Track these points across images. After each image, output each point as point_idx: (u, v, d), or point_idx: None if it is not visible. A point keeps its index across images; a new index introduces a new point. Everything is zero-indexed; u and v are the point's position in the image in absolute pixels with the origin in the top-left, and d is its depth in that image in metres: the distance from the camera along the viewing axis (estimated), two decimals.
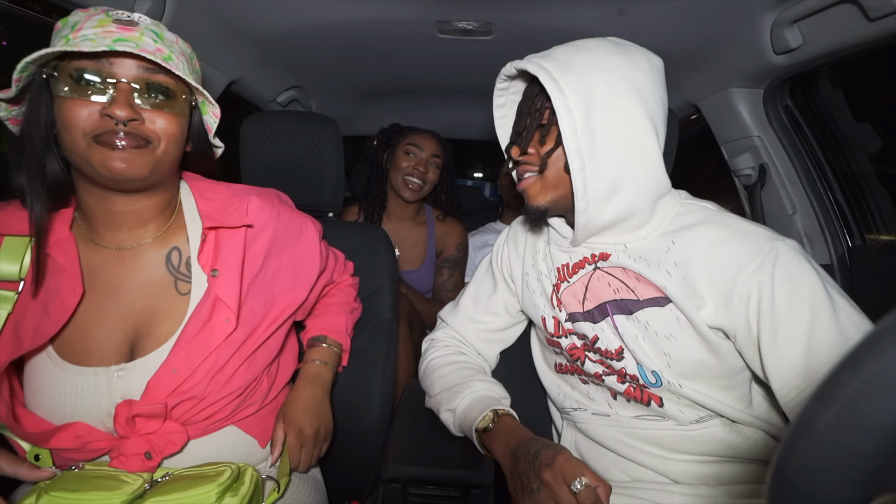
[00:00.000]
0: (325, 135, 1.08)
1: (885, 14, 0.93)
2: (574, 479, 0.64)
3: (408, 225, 1.72)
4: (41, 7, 1.10)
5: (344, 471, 1.00)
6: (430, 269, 1.70)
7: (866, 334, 0.27)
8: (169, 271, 0.72)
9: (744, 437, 0.76)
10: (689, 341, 0.73)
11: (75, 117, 0.59)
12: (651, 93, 0.73)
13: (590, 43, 0.75)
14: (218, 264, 0.72)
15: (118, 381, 0.66)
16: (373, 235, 1.13)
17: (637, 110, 0.71)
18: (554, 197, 0.78)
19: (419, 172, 1.63)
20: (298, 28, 1.37)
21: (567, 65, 0.71)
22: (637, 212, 0.75)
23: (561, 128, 0.70)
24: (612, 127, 0.71)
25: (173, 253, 0.72)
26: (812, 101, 1.43)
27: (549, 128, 0.75)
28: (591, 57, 0.72)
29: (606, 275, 0.80)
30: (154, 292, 0.70)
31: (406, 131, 1.69)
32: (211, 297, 0.71)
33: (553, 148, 0.75)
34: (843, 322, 0.64)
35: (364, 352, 1.05)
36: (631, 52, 0.74)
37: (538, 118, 0.76)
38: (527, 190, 0.80)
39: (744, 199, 1.59)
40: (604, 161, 0.71)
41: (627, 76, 0.71)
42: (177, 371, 0.67)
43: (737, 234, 0.71)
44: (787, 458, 0.29)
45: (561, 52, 0.74)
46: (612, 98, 0.71)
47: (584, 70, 0.71)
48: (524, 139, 0.78)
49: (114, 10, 0.64)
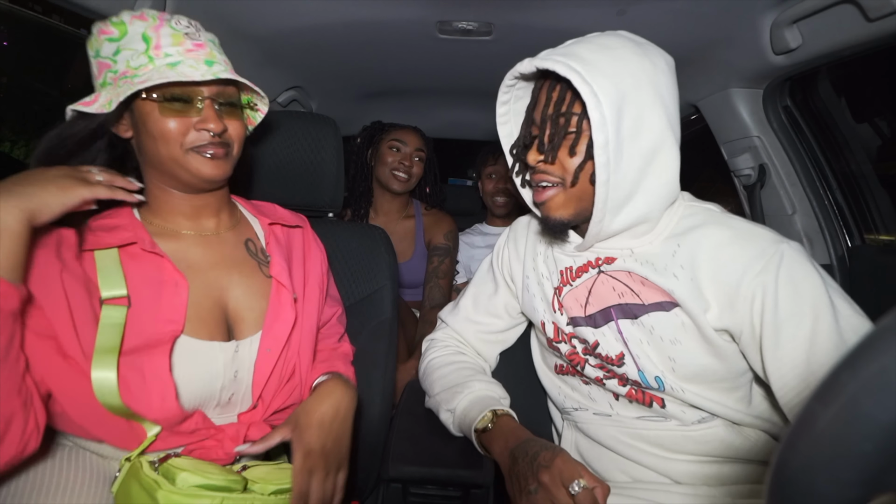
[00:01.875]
0: (325, 135, 1.08)
1: (885, 14, 0.93)
2: (572, 481, 0.64)
3: (396, 218, 1.76)
4: (41, 7, 1.10)
5: None
6: (421, 260, 1.74)
7: (866, 334, 0.27)
8: (250, 255, 0.80)
9: (744, 437, 0.76)
10: (694, 346, 0.73)
11: (175, 130, 0.67)
12: (671, 96, 0.71)
13: (611, 41, 0.70)
14: (272, 252, 0.81)
15: (235, 356, 0.72)
16: (373, 235, 1.13)
17: (660, 118, 0.69)
18: (577, 209, 0.74)
19: (404, 167, 1.67)
20: (298, 28, 1.37)
21: (595, 67, 0.66)
22: (647, 219, 0.74)
23: (594, 139, 0.66)
24: (636, 136, 0.68)
25: (249, 242, 0.81)
26: (812, 102, 1.43)
27: (578, 137, 0.70)
28: (618, 58, 0.68)
29: (611, 279, 0.79)
30: (245, 271, 0.78)
31: (389, 127, 1.73)
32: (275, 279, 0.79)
33: (584, 160, 0.70)
34: (843, 326, 0.65)
35: (364, 352, 1.05)
36: (650, 52, 0.71)
37: (566, 125, 0.70)
38: (548, 202, 0.75)
39: (743, 200, 1.59)
40: (625, 172, 0.68)
41: (651, 80, 0.68)
42: (270, 350, 0.74)
43: (741, 235, 0.71)
44: (786, 457, 0.29)
45: (583, 51, 0.68)
46: (637, 104, 0.67)
47: (613, 73, 0.66)
48: (551, 148, 0.71)
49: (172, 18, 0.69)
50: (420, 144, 1.71)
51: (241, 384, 0.73)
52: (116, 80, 0.66)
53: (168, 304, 0.68)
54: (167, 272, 0.70)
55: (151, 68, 0.65)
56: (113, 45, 0.65)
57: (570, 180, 0.72)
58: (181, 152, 0.69)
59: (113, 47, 0.65)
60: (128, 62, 0.65)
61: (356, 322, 1.06)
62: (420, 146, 1.71)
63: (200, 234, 0.77)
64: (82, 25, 1.16)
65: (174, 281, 0.70)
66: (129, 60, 0.65)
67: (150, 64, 0.65)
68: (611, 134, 0.65)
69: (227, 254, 0.78)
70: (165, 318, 0.67)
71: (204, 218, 0.78)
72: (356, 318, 1.06)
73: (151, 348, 0.65)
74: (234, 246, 0.79)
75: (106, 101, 0.64)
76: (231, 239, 0.80)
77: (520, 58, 0.75)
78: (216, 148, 0.70)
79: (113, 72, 0.66)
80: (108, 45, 0.66)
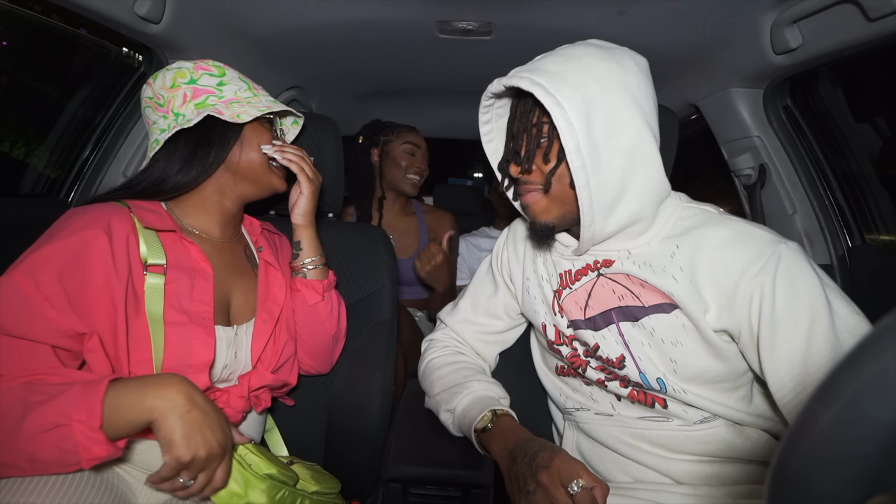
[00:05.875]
0: (325, 135, 1.08)
1: (885, 14, 0.93)
2: (571, 481, 0.63)
3: (398, 216, 1.77)
4: (41, 7, 1.10)
5: (344, 471, 1.00)
6: None
7: (866, 334, 0.27)
8: (247, 260, 0.91)
9: (745, 437, 0.76)
10: (695, 347, 0.73)
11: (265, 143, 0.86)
12: (644, 96, 0.72)
13: (576, 50, 0.72)
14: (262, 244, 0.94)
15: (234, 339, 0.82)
16: (373, 235, 1.13)
17: (634, 117, 0.70)
18: (561, 212, 0.76)
19: (420, 169, 1.68)
20: (298, 28, 1.37)
21: (560, 77, 0.68)
22: (641, 218, 0.74)
23: (564, 145, 0.67)
24: (612, 137, 0.69)
25: (246, 248, 0.93)
26: (812, 102, 1.43)
27: (550, 144, 0.73)
28: (583, 66, 0.70)
29: (611, 281, 0.79)
30: (244, 274, 0.89)
31: (396, 128, 1.73)
32: (264, 264, 0.91)
33: (556, 165, 0.72)
34: (840, 327, 0.65)
35: (364, 352, 1.05)
36: (619, 56, 0.72)
37: (538, 135, 0.73)
38: (531, 206, 0.77)
39: (744, 199, 1.59)
40: (607, 173, 0.69)
41: (620, 82, 0.70)
42: (266, 322, 0.86)
43: (740, 236, 0.71)
44: (786, 457, 0.29)
45: (549, 64, 0.71)
46: (609, 107, 0.69)
47: (578, 80, 0.68)
48: (526, 159, 0.74)
49: None
50: (425, 144, 1.74)
51: (239, 364, 0.83)
52: (225, 102, 0.82)
53: (199, 289, 0.78)
54: (196, 261, 0.79)
55: (259, 101, 0.86)
56: (215, 79, 0.83)
57: (545, 186, 0.74)
58: (266, 163, 0.86)
59: (215, 80, 0.83)
60: (236, 92, 0.84)
61: (356, 322, 1.06)
62: (426, 146, 1.73)
63: (219, 239, 0.87)
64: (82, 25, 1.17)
65: (202, 269, 0.79)
66: (237, 92, 0.84)
67: (256, 98, 0.86)
68: (581, 138, 0.67)
69: (232, 259, 0.88)
70: (198, 300, 0.77)
71: (229, 227, 0.89)
72: (356, 318, 1.06)
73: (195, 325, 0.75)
74: (237, 253, 0.90)
75: (233, 115, 0.81)
76: (237, 247, 0.91)
77: (520, 58, 0.75)
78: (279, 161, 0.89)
79: (218, 97, 0.82)
80: (210, 78, 0.82)
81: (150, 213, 0.77)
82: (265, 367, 0.86)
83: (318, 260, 0.94)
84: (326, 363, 1.01)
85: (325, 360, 1.00)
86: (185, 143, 0.80)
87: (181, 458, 0.59)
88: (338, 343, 1.01)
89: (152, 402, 0.59)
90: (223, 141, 0.82)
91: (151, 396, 0.59)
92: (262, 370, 0.85)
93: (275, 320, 0.88)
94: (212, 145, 0.81)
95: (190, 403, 0.61)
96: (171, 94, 0.81)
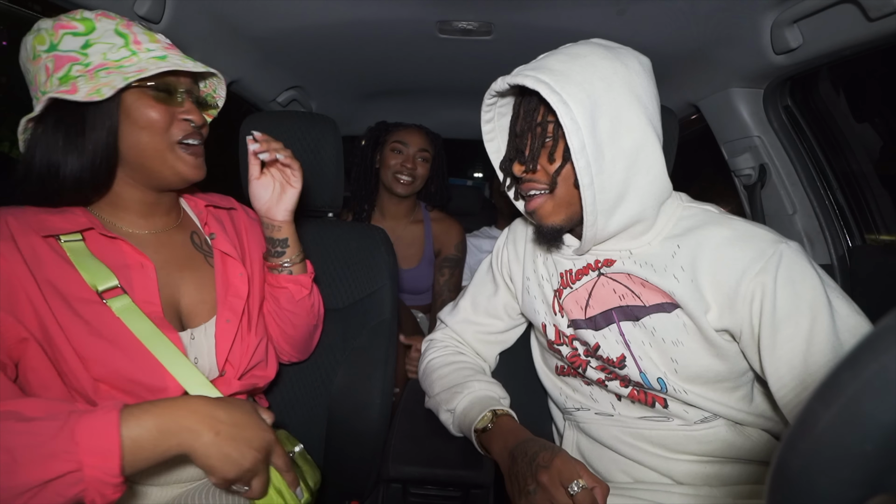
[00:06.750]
0: (325, 135, 1.08)
1: (885, 14, 0.93)
2: (571, 481, 0.64)
3: (403, 223, 1.71)
4: (41, 7, 1.10)
5: (344, 471, 1.00)
6: (428, 267, 1.69)
7: (867, 334, 0.27)
8: (196, 249, 0.81)
9: (746, 437, 0.76)
10: (696, 346, 0.73)
11: (161, 120, 0.68)
12: (648, 95, 0.72)
13: (581, 49, 0.72)
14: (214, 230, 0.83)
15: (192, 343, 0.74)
16: (372, 235, 1.13)
17: (638, 117, 0.70)
18: (568, 214, 0.76)
19: (407, 169, 1.61)
20: (298, 28, 1.37)
21: (565, 75, 0.68)
22: (642, 218, 0.74)
23: (569, 144, 0.67)
24: (616, 136, 0.69)
25: (194, 235, 0.82)
26: (812, 101, 1.43)
27: (555, 144, 0.72)
28: (588, 64, 0.69)
29: (611, 281, 0.79)
30: (194, 267, 0.78)
31: (393, 128, 1.68)
32: (219, 254, 0.81)
33: (561, 165, 0.72)
34: (840, 327, 0.65)
35: (364, 352, 1.05)
36: (623, 55, 0.72)
37: (542, 134, 0.73)
38: (538, 210, 0.77)
39: (744, 199, 1.59)
40: (610, 172, 0.69)
41: (624, 81, 0.70)
42: (230, 321, 0.77)
43: (741, 236, 0.71)
44: (786, 457, 0.29)
45: (554, 62, 0.71)
46: (613, 106, 0.69)
47: (583, 79, 0.68)
48: (531, 158, 0.74)
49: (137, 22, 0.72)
50: (424, 144, 1.64)
51: (203, 369, 0.74)
52: (91, 71, 0.64)
53: (140, 287, 0.69)
54: (129, 256, 0.70)
55: (136, 60, 0.66)
56: (79, 39, 0.64)
57: (550, 185, 0.74)
58: (166, 146, 0.69)
59: (79, 41, 0.64)
60: (104, 55, 0.65)
61: (356, 322, 1.06)
62: (424, 146, 1.64)
63: (151, 232, 0.76)
64: None
65: (139, 263, 0.70)
66: (107, 53, 0.65)
67: (134, 56, 0.66)
68: (586, 137, 0.67)
69: (176, 253, 0.78)
70: (142, 300, 0.68)
71: (157, 216, 0.77)
72: (356, 318, 1.06)
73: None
74: (182, 244, 0.79)
75: (91, 91, 0.62)
76: (178, 237, 0.79)
77: (520, 57, 0.75)
78: (198, 139, 0.73)
79: (83, 64, 0.64)
80: (72, 39, 0.64)
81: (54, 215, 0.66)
82: (234, 373, 0.77)
83: (301, 255, 0.87)
84: (307, 351, 1.00)
85: (307, 348, 0.98)
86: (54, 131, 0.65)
87: (226, 477, 0.57)
88: (317, 330, 0.98)
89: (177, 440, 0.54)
90: (94, 122, 0.65)
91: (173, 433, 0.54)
92: (230, 376, 0.77)
93: (238, 318, 0.78)
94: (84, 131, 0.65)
95: (215, 425, 0.56)
96: (36, 69, 0.65)
